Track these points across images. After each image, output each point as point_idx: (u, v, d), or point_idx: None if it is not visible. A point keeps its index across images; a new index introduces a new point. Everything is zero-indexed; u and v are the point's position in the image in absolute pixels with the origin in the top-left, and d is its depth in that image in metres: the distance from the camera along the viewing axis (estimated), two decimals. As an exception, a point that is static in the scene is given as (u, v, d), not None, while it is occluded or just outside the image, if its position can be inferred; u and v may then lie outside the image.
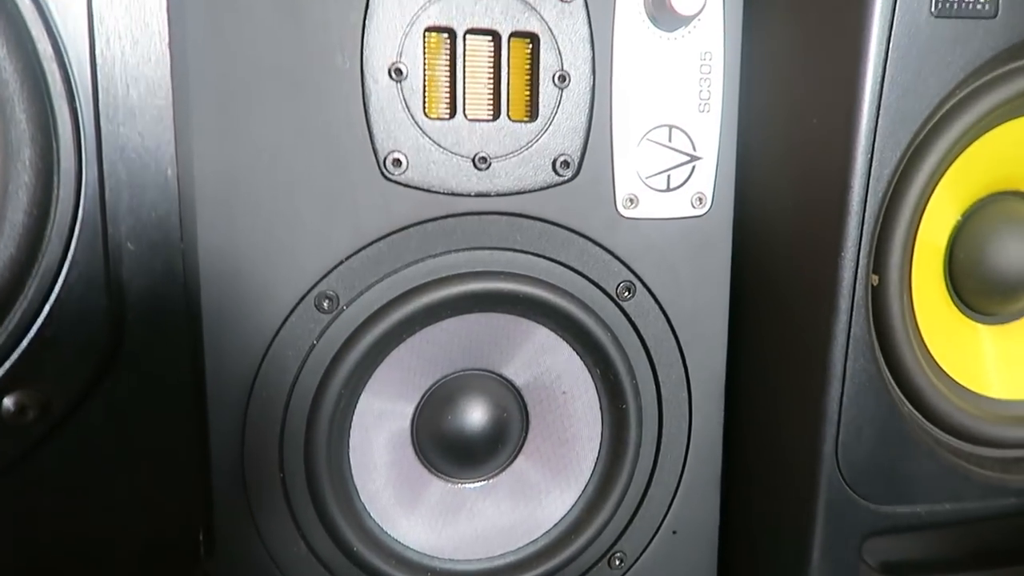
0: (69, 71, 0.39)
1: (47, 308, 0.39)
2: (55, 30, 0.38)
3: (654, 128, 0.52)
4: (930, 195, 0.54)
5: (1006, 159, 0.56)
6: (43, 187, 0.38)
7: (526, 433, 0.55)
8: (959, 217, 0.57)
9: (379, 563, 0.51)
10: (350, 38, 0.46)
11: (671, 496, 0.57)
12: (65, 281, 0.40)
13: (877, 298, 0.53)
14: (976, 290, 0.58)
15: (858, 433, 0.54)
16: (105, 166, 0.40)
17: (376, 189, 0.48)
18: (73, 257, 0.40)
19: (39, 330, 0.39)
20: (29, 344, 0.39)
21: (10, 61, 0.37)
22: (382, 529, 0.52)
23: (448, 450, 0.53)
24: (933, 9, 0.48)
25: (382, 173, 0.47)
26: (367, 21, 0.46)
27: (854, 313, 0.52)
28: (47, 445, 0.41)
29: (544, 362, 0.54)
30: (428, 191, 0.48)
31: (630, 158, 0.51)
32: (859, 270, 0.51)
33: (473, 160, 0.49)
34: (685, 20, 0.50)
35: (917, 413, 0.56)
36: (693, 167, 0.53)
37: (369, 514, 0.51)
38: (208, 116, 0.45)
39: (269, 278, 0.47)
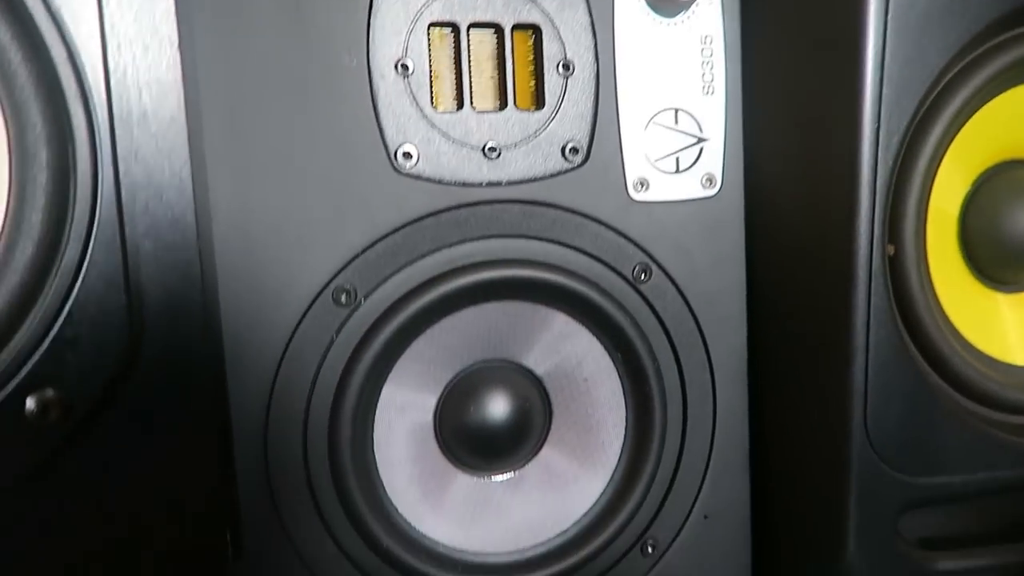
0: (83, 76, 0.39)
1: (67, 308, 0.39)
2: (68, 37, 0.39)
3: (660, 112, 0.52)
4: (939, 163, 0.54)
5: (1010, 127, 0.56)
6: (60, 188, 0.39)
7: (550, 422, 0.55)
8: (969, 187, 0.57)
9: (410, 559, 0.50)
10: (356, 37, 0.47)
11: (700, 479, 0.56)
12: (84, 281, 0.40)
13: (894, 268, 0.53)
14: (991, 259, 0.58)
15: (886, 405, 0.53)
16: (120, 167, 0.40)
17: (388, 183, 0.48)
18: (91, 257, 0.40)
19: (60, 330, 0.39)
20: (50, 344, 0.39)
21: (25, 67, 0.37)
22: (410, 525, 0.51)
23: (472, 443, 0.53)
24: (929, -24, 0.48)
25: (393, 167, 0.48)
26: (372, 20, 0.47)
27: (873, 284, 0.51)
28: (70, 448, 0.40)
29: (564, 349, 0.54)
30: (439, 183, 0.49)
31: (638, 142, 0.52)
32: (875, 240, 0.51)
33: (483, 150, 0.49)
34: (684, 6, 0.51)
35: (943, 381, 0.55)
36: (701, 148, 0.53)
37: (397, 510, 0.51)
38: (219, 118, 0.45)
39: (286, 274, 0.47)
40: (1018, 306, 0.59)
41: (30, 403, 0.39)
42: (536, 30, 0.50)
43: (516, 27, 0.50)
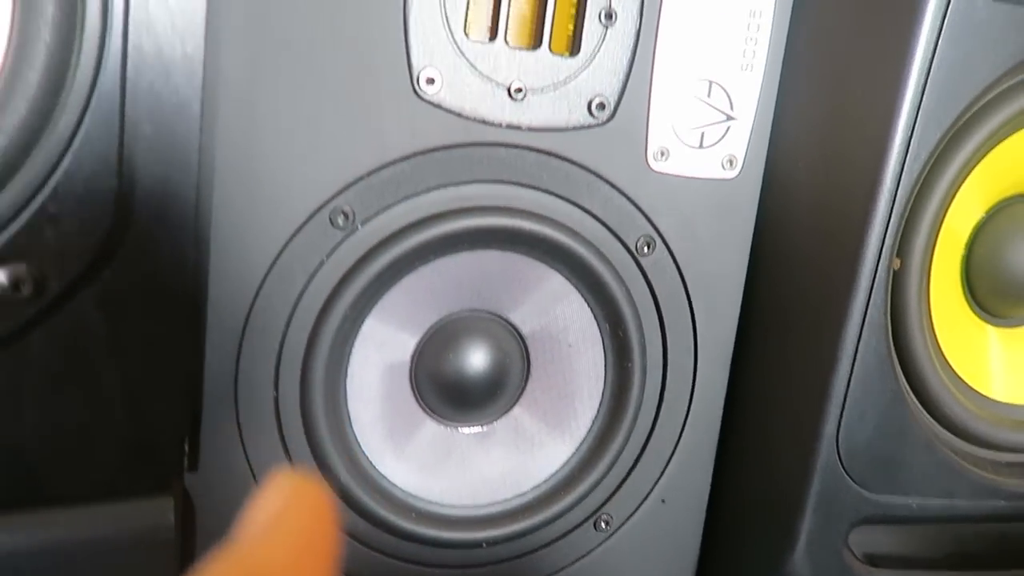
0: (104, -71, 0.36)
1: (54, 180, 0.37)
2: None
3: (695, 81, 0.50)
4: (961, 183, 0.53)
5: (1036, 161, 0.56)
6: (63, 49, 0.36)
7: (526, 383, 0.54)
8: (984, 213, 0.57)
9: (364, 497, 0.49)
10: (398, -57, 0.44)
11: (664, 463, 0.56)
12: (76, 155, 0.37)
13: (896, 282, 0.53)
14: (990, 290, 0.58)
15: (861, 417, 0.53)
16: (130, 38, 0.37)
17: (406, 106, 0.46)
18: (87, 130, 0.37)
19: (43, 202, 0.37)
20: (31, 216, 0.37)
21: (44, -93, 0.34)
22: (370, 462, 0.50)
23: (445, 391, 0.52)
24: (993, -9, 0.47)
25: (414, 90, 0.46)
26: (417, -73, 0.44)
27: (873, 294, 0.51)
28: (38, 326, 0.38)
29: (554, 311, 0.52)
30: (459, 115, 0.47)
31: (667, 109, 0.50)
32: (884, 250, 0.50)
33: (508, 89, 0.47)
34: (740, -26, 0.48)
35: (920, 405, 0.55)
36: (728, 127, 0.52)
37: (359, 445, 0.50)
38: (241, 5, 0.42)
39: (285, 185, 0.45)
40: (1008, 341, 0.59)
41: (1, 275, 0.36)
42: (584, -27, 0.48)
43: (564, -33, 0.47)
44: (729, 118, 0.51)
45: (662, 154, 0.51)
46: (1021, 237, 0.57)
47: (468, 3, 0.46)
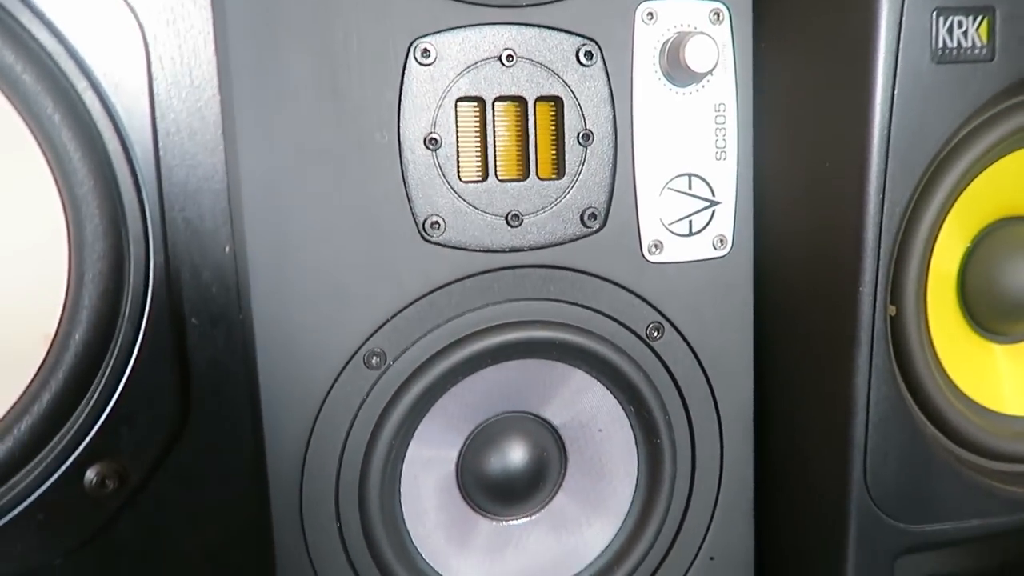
0: (135, 165, 0.42)
1: (122, 384, 0.42)
2: (122, 129, 0.41)
3: (674, 177, 0.54)
4: (940, 227, 0.56)
5: (1009, 189, 0.59)
6: (116, 276, 0.41)
7: (565, 470, 0.58)
8: (968, 244, 0.60)
9: (433, 604, 0.53)
10: (387, 114, 0.49)
11: (707, 524, 0.59)
12: (138, 358, 0.42)
13: (895, 327, 0.56)
14: (988, 312, 0.60)
15: (884, 458, 0.56)
16: (170, 249, 0.43)
17: (417, 251, 0.51)
18: (144, 336, 0.42)
19: (115, 405, 0.42)
20: (107, 419, 0.42)
21: (83, 163, 0.40)
22: (434, 570, 0.54)
23: (491, 490, 0.56)
24: (933, 57, 0.51)
25: (422, 236, 0.50)
26: (402, 97, 0.49)
27: (875, 343, 0.54)
28: (123, 513, 0.43)
29: (580, 402, 0.56)
30: (465, 250, 0.51)
31: (653, 207, 0.54)
32: (877, 302, 0.54)
33: (506, 218, 0.52)
34: (698, 76, 0.53)
35: (940, 434, 0.58)
36: (713, 211, 0.56)
37: (421, 556, 0.54)
38: (258, 196, 0.48)
39: (320, 340, 0.50)
40: (1013, 357, 0.62)
41: (89, 474, 0.42)
42: (558, 102, 0.52)
43: (539, 100, 0.52)
44: (713, 203, 0.55)
45: (656, 247, 0.55)
46: (1008, 258, 0.60)
47: (458, 152, 0.51)
